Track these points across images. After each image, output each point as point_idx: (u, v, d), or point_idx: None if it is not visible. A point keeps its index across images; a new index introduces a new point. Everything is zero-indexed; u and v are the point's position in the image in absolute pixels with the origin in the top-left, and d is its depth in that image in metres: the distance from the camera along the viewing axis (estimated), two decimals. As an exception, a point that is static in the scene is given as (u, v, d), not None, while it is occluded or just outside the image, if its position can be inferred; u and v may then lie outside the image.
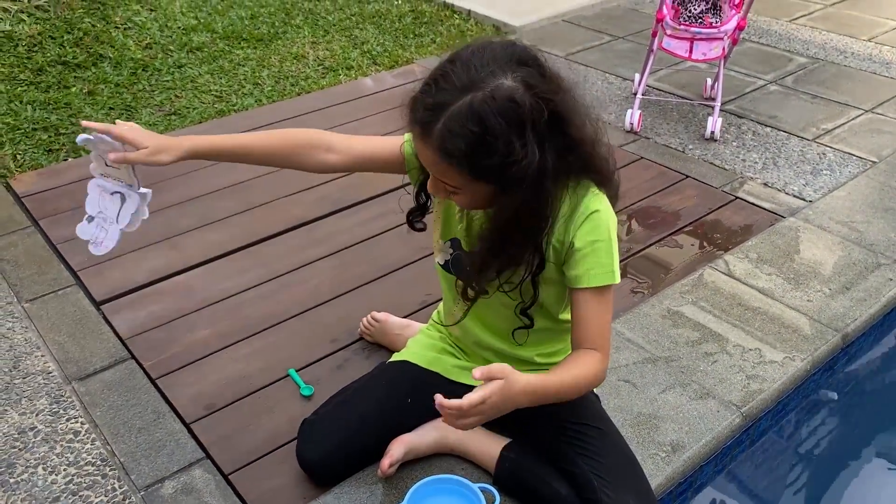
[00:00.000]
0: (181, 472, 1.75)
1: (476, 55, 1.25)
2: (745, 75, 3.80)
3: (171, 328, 2.17)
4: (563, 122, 1.26)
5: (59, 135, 3.25)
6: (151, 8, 4.48)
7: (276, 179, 2.91)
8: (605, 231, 1.40)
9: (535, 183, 1.26)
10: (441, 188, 1.36)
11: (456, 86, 1.22)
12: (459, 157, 1.24)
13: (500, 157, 1.22)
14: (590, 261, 1.39)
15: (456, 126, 1.22)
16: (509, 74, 1.22)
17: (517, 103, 1.20)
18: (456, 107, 1.22)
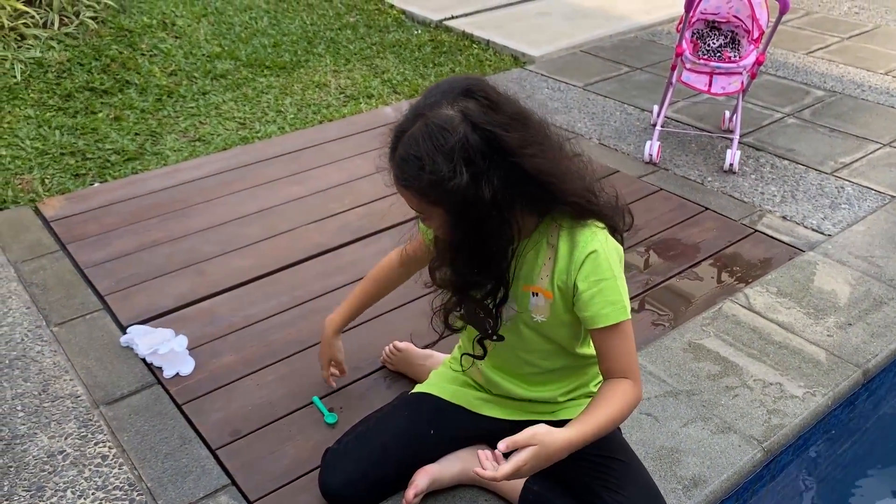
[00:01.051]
0: (207, 497, 1.77)
1: (433, 88, 1.35)
2: (762, 108, 3.83)
3: (196, 354, 2.21)
4: (508, 153, 1.30)
5: (85, 160, 3.31)
6: (177, 35, 4.56)
7: (298, 207, 2.95)
8: (608, 269, 1.43)
9: (471, 211, 1.32)
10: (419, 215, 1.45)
11: (414, 112, 1.34)
12: (407, 181, 1.33)
13: (430, 183, 1.29)
14: (598, 301, 1.43)
15: (403, 153, 1.32)
16: (452, 105, 1.30)
17: (449, 130, 1.28)
18: (407, 136, 1.32)
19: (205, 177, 3.18)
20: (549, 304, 1.50)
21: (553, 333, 1.56)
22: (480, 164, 1.29)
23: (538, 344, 1.59)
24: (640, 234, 2.79)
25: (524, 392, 1.69)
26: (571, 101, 3.91)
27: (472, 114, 1.29)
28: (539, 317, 1.53)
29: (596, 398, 1.46)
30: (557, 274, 1.46)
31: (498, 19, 5.10)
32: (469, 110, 1.30)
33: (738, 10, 3.26)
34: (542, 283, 1.49)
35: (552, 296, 1.49)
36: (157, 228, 2.82)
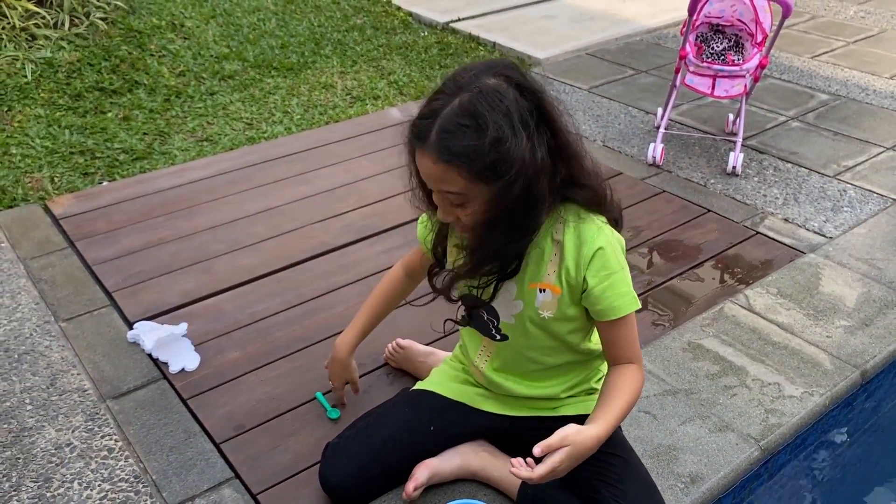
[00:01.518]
0: (211, 490, 1.80)
1: (461, 70, 1.37)
2: (766, 111, 3.85)
3: (201, 350, 2.24)
4: (549, 117, 1.34)
5: (94, 158, 3.35)
6: (185, 36, 4.61)
7: (303, 206, 2.99)
8: (616, 263, 1.46)
9: (528, 175, 1.32)
10: (448, 208, 1.41)
11: (446, 93, 1.34)
12: (457, 153, 1.31)
13: (492, 144, 1.29)
14: (610, 294, 1.46)
15: (450, 125, 1.31)
16: (492, 76, 1.33)
17: (501, 93, 1.30)
18: (447, 110, 1.32)
19: (212, 176, 3.22)
20: (556, 299, 1.53)
21: (559, 329, 1.58)
22: (532, 126, 1.32)
23: (543, 340, 1.61)
24: (643, 234, 2.81)
25: (527, 390, 1.71)
26: (576, 104, 3.93)
27: (517, 79, 1.34)
28: (546, 313, 1.55)
29: (609, 388, 1.50)
30: (565, 269, 1.49)
31: (504, 22, 5.13)
32: (509, 77, 1.33)
33: (741, 14, 3.28)
34: (549, 278, 1.51)
35: (560, 291, 1.51)
36: (164, 226, 2.85)
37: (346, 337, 1.89)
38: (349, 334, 1.89)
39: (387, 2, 5.40)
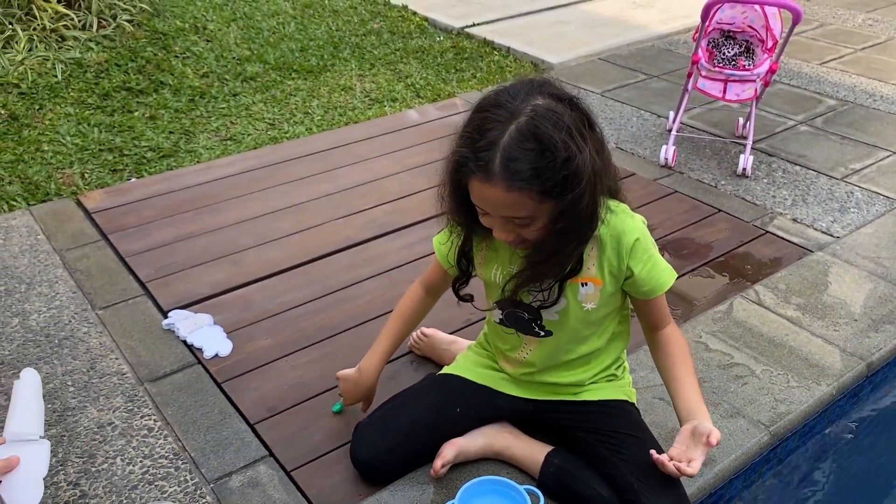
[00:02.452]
0: (247, 467, 1.90)
1: (502, 94, 1.41)
2: (776, 115, 3.94)
3: (233, 337, 2.34)
4: (592, 122, 1.44)
5: (122, 156, 3.46)
6: (208, 39, 4.72)
7: (326, 203, 3.09)
8: (651, 245, 1.60)
9: (591, 181, 1.40)
10: (510, 229, 1.47)
11: (499, 121, 1.37)
12: (527, 178, 1.36)
13: (562, 162, 1.35)
14: (655, 274, 1.60)
15: (514, 152, 1.35)
16: (538, 96, 1.39)
17: (556, 112, 1.36)
18: (506, 137, 1.36)
19: (237, 174, 3.32)
20: (598, 290, 1.62)
21: (597, 316, 1.68)
22: (586, 135, 1.40)
23: (582, 330, 1.70)
24: (655, 233, 2.86)
25: (558, 378, 1.80)
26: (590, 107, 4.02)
27: (562, 94, 1.41)
28: (589, 305, 1.64)
29: (675, 367, 1.68)
30: (606, 261, 1.59)
31: (518, 27, 5.23)
32: (555, 94, 1.40)
33: (752, 21, 3.38)
34: (590, 272, 1.60)
35: (602, 282, 1.61)
36: (192, 221, 2.96)
37: (373, 361, 1.89)
38: (375, 359, 1.89)
39: (403, 7, 5.51)
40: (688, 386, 1.65)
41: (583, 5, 5.74)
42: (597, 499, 1.66)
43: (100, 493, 1.82)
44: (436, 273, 1.88)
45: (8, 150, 3.41)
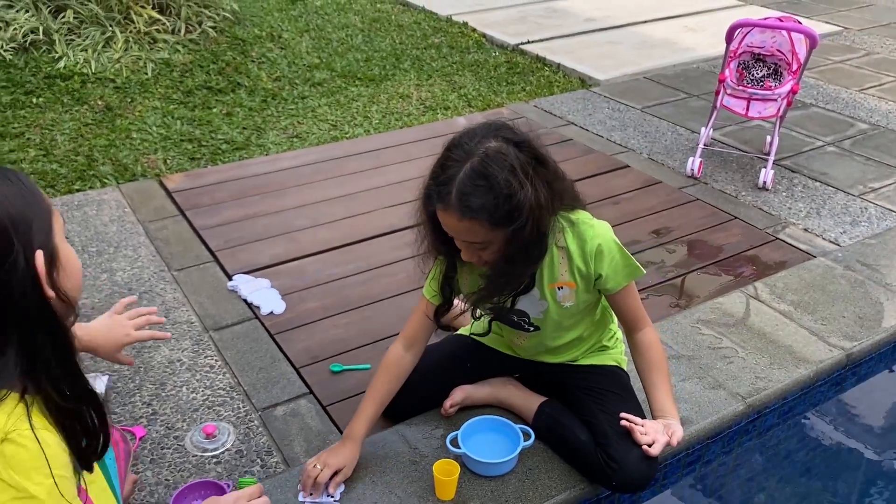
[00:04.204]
0: (290, 401, 2.26)
1: (464, 136, 1.68)
2: (805, 136, 4.15)
3: (287, 299, 2.70)
4: (541, 158, 1.69)
5: (201, 146, 3.90)
6: (282, 47, 5.17)
7: (376, 194, 3.45)
8: (613, 247, 1.84)
9: (536, 215, 1.65)
10: (472, 251, 1.75)
11: (457, 160, 1.64)
12: (476, 210, 1.60)
13: (505, 197, 1.59)
14: (618, 272, 1.85)
15: (466, 187, 1.60)
16: (492, 139, 1.65)
17: (504, 154, 1.62)
18: (461, 174, 1.61)
19: (300, 166, 3.71)
20: (573, 291, 1.91)
21: (577, 309, 1.96)
22: (531, 173, 1.66)
23: (567, 321, 1.99)
24: (672, 234, 3.18)
25: (551, 359, 2.10)
26: (628, 121, 4.31)
27: (511, 138, 1.67)
28: (567, 303, 1.93)
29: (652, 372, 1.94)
30: (576, 267, 1.86)
31: (571, 45, 5.55)
32: (507, 138, 1.67)
33: (780, 45, 3.63)
34: (564, 277, 1.89)
35: (575, 284, 1.89)
36: (258, 204, 3.35)
37: (358, 427, 1.92)
38: (360, 425, 1.93)
39: (463, 24, 5.88)
40: (662, 390, 1.92)
41: (636, 27, 6.01)
42: (576, 441, 1.96)
43: (167, 412, 2.20)
44: (416, 321, 2.01)
45: (102, 136, 3.88)
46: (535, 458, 2.02)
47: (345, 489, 1.91)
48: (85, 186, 3.46)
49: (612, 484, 1.88)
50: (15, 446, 1.12)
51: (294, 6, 6.12)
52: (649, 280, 2.87)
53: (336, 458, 1.88)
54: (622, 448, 1.87)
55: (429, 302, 2.00)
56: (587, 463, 1.93)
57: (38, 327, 1.14)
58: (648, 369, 1.96)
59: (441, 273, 1.95)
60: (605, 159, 3.83)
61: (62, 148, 3.75)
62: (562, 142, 4.01)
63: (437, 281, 1.97)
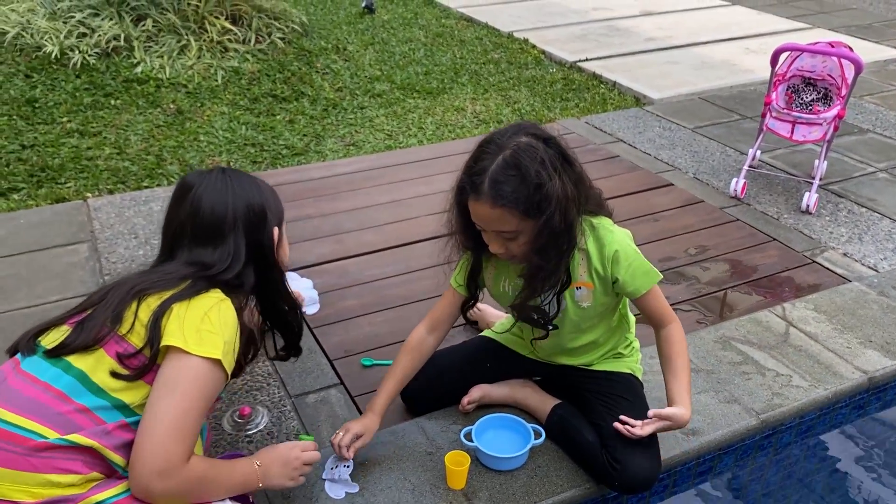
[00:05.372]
0: (322, 390, 2.41)
1: (495, 134, 1.82)
2: (857, 161, 4.13)
3: (328, 296, 2.87)
4: (568, 158, 1.81)
5: (263, 150, 4.12)
6: (346, 59, 5.39)
7: (422, 201, 3.60)
8: (632, 253, 1.93)
9: (563, 206, 1.77)
10: (500, 242, 1.85)
11: (490, 153, 1.77)
12: (508, 198, 1.72)
13: (535, 186, 1.72)
14: (636, 278, 1.94)
15: (499, 176, 1.73)
16: (522, 135, 1.78)
17: (534, 147, 1.75)
18: (494, 165, 1.74)
19: (353, 172, 3.90)
20: (591, 292, 2.01)
21: (595, 311, 2.06)
22: (560, 169, 1.79)
23: (582, 324, 2.08)
24: (708, 252, 3.23)
25: (569, 360, 2.20)
26: (678, 140, 4.36)
27: (540, 135, 1.81)
28: (585, 303, 2.03)
29: (667, 352, 2.01)
30: (594, 269, 1.96)
31: (628, 64, 5.61)
32: (536, 135, 1.80)
33: (831, 70, 3.64)
34: (583, 278, 1.99)
35: (593, 285, 1.99)
36: (311, 206, 3.54)
37: (379, 401, 2.05)
38: (381, 399, 2.05)
39: (524, 40, 6.01)
40: (679, 380, 1.98)
41: (696, 48, 6.04)
42: (584, 442, 2.06)
43: (210, 394, 2.38)
44: (443, 307, 2.15)
45: (172, 138, 4.14)
46: (544, 456, 2.12)
47: (364, 473, 2.05)
48: (153, 184, 3.71)
49: (615, 484, 1.97)
50: (228, 307, 1.64)
51: (362, 20, 6.35)
52: (679, 296, 2.93)
53: (357, 425, 2.00)
54: (626, 450, 1.96)
55: (455, 291, 2.14)
56: (593, 463, 2.03)
57: (269, 266, 1.79)
58: (668, 360, 2.02)
59: (468, 267, 2.08)
60: (650, 177, 3.90)
61: (134, 147, 4.02)
62: (608, 158, 4.09)
63: (464, 274, 2.10)
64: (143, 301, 1.58)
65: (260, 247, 1.75)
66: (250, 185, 1.78)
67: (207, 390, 1.57)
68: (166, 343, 1.54)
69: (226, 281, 1.68)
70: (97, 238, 3.20)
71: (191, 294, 1.60)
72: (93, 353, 1.54)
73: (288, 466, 1.77)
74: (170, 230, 1.73)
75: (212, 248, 1.68)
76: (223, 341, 1.58)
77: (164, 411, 1.51)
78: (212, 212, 1.69)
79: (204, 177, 1.75)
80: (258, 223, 1.75)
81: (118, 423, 1.54)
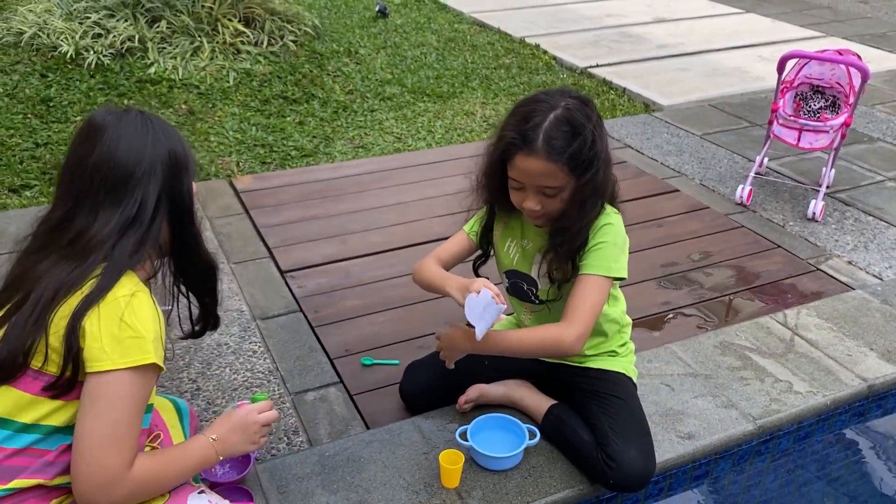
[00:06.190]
0: (321, 388, 2.43)
1: (540, 95, 1.89)
2: (866, 170, 4.12)
3: (330, 296, 2.89)
4: (603, 128, 1.88)
5: (272, 151, 4.16)
6: (357, 62, 5.43)
7: (427, 204, 3.62)
8: (615, 234, 1.96)
9: (606, 166, 1.87)
10: (539, 199, 1.89)
11: (542, 111, 1.84)
12: (560, 152, 1.80)
13: (588, 143, 1.81)
14: (595, 257, 1.95)
15: (553, 132, 1.81)
16: (569, 97, 1.87)
17: (585, 108, 1.85)
18: (547, 122, 1.82)
19: (361, 174, 3.92)
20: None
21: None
22: (600, 132, 1.88)
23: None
24: (712, 258, 3.23)
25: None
26: (685, 146, 4.36)
27: (584, 99, 1.90)
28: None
29: (530, 329, 2.05)
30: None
31: (639, 70, 5.62)
32: (581, 98, 1.89)
33: (839, 78, 3.64)
34: None
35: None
36: (317, 207, 3.57)
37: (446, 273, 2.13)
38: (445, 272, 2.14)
39: (535, 46, 6.02)
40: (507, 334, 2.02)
41: (708, 55, 6.03)
42: (578, 441, 2.06)
43: (210, 389, 2.41)
44: (453, 246, 2.23)
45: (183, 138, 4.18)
46: (539, 457, 2.13)
47: (359, 470, 2.07)
48: (162, 183, 3.74)
49: (609, 482, 1.98)
50: (141, 300, 1.47)
51: (375, 24, 6.39)
52: (681, 301, 2.94)
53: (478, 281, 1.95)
54: (620, 448, 1.97)
55: (467, 237, 2.22)
56: (588, 462, 2.03)
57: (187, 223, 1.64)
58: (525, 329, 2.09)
59: (483, 221, 2.17)
60: (656, 182, 3.90)
61: (146, 147, 4.06)
62: (615, 164, 4.06)
63: (481, 224, 2.18)
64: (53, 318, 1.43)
65: (180, 200, 1.58)
66: (172, 132, 1.60)
67: (136, 395, 1.45)
68: (91, 370, 1.42)
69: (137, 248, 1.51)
70: (106, 235, 3.25)
71: (100, 294, 1.43)
72: (8, 393, 1.44)
73: (247, 431, 1.70)
74: (74, 175, 1.52)
75: (122, 205, 1.50)
76: (149, 341, 1.45)
77: (91, 428, 1.41)
78: (127, 160, 1.51)
79: (120, 118, 1.55)
80: (179, 174, 1.58)
81: (59, 449, 1.47)
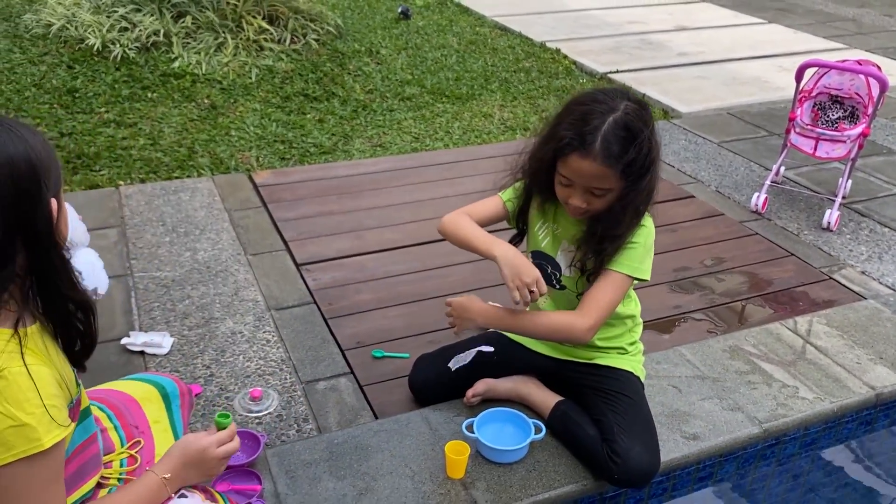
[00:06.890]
0: (332, 378, 2.47)
1: (598, 94, 1.89)
2: (884, 182, 4.11)
3: (344, 289, 2.93)
4: (657, 133, 1.89)
5: (291, 148, 4.21)
6: (378, 62, 5.48)
7: (443, 202, 3.65)
8: (643, 238, 2.00)
9: (656, 174, 1.89)
10: (586, 198, 1.91)
11: (601, 113, 1.84)
12: (618, 158, 1.82)
13: (644, 151, 1.83)
14: (624, 254, 1.99)
15: (611, 136, 1.82)
16: (626, 100, 1.87)
17: (643, 114, 1.86)
18: (606, 126, 1.82)
19: (378, 172, 3.96)
20: None
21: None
22: (655, 139, 1.89)
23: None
24: (725, 264, 3.24)
25: (572, 354, 2.24)
26: (703, 154, 4.37)
27: (641, 103, 1.90)
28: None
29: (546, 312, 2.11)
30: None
31: (659, 77, 5.63)
32: (639, 102, 1.90)
33: (858, 88, 3.64)
34: None
35: None
36: (334, 203, 3.61)
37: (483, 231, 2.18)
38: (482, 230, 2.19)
39: (556, 50, 6.05)
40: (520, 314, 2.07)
41: (729, 64, 6.04)
42: (584, 436, 2.09)
43: (223, 376, 2.45)
44: (486, 208, 2.25)
45: (205, 132, 4.25)
46: (544, 451, 2.15)
47: (366, 458, 2.10)
48: (183, 175, 3.81)
49: (614, 478, 2.00)
50: (6, 382, 1.23)
51: (397, 25, 6.44)
52: (692, 305, 2.95)
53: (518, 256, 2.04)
54: (626, 444, 2.00)
55: (503, 204, 2.23)
56: (593, 457, 2.06)
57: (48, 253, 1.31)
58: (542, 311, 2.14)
59: (520, 201, 2.19)
60: (671, 188, 3.92)
61: (168, 139, 4.13)
62: (631, 169, 4.11)
63: (518, 203, 2.20)
64: None
65: (31, 226, 1.26)
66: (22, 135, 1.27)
67: (41, 477, 1.28)
68: None
69: None
70: (126, 224, 3.31)
71: None
72: None
73: (204, 467, 1.59)
74: None
75: None
76: (35, 423, 1.24)
77: None
78: None
79: None
80: (26, 194, 1.25)
81: None
